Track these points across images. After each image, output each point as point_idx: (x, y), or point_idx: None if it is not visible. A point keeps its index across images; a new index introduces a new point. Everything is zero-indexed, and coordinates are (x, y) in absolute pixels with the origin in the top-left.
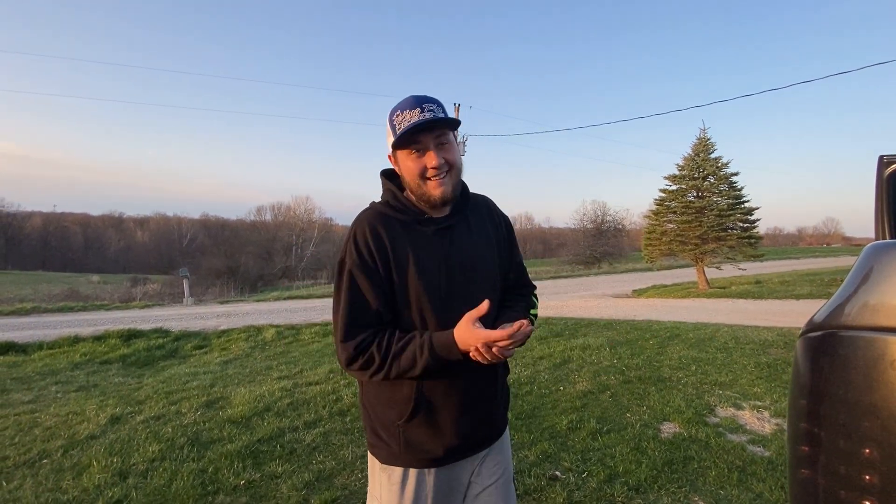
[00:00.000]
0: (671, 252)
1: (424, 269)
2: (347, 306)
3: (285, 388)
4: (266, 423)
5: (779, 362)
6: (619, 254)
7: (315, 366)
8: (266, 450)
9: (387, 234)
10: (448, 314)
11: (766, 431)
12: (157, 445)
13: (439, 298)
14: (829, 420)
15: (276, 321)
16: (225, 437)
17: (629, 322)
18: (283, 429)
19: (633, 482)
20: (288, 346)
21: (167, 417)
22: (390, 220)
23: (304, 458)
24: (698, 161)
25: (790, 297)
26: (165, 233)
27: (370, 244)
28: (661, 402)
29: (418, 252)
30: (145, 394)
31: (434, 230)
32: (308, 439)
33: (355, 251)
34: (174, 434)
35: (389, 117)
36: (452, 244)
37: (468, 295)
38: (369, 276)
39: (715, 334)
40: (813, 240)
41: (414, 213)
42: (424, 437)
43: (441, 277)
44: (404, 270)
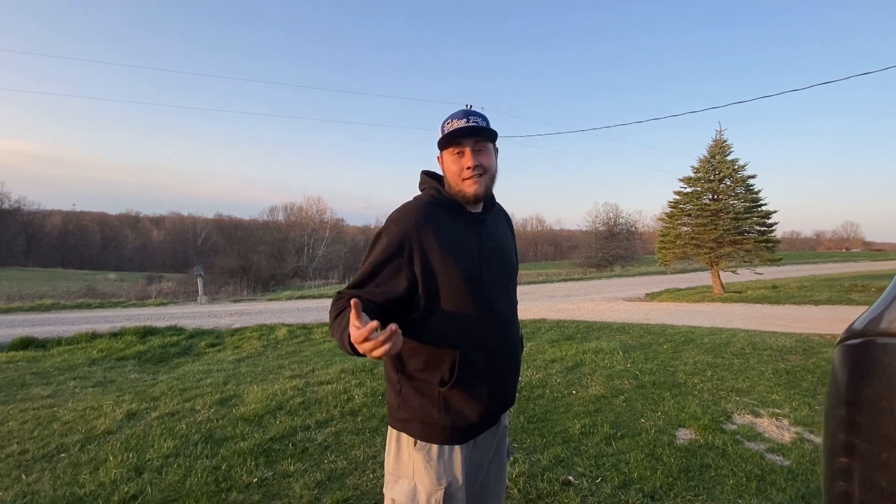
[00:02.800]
0: (685, 255)
1: (465, 253)
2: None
3: (297, 387)
4: (278, 421)
5: (798, 369)
6: (631, 257)
7: (327, 365)
8: (278, 448)
9: (433, 224)
10: (483, 295)
11: (785, 440)
12: (171, 442)
13: (478, 279)
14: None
15: (288, 320)
16: (238, 434)
17: (642, 326)
18: (294, 428)
19: (648, 489)
20: (300, 346)
21: (182, 414)
22: (436, 209)
23: (315, 457)
24: (714, 163)
25: (808, 302)
26: (180, 232)
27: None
28: (676, 407)
29: (458, 237)
30: (160, 390)
31: (470, 220)
32: (320, 438)
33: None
34: (188, 431)
35: (442, 125)
36: (486, 235)
37: (500, 280)
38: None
39: (731, 339)
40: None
41: (454, 205)
42: (464, 404)
43: (477, 261)
44: (447, 253)
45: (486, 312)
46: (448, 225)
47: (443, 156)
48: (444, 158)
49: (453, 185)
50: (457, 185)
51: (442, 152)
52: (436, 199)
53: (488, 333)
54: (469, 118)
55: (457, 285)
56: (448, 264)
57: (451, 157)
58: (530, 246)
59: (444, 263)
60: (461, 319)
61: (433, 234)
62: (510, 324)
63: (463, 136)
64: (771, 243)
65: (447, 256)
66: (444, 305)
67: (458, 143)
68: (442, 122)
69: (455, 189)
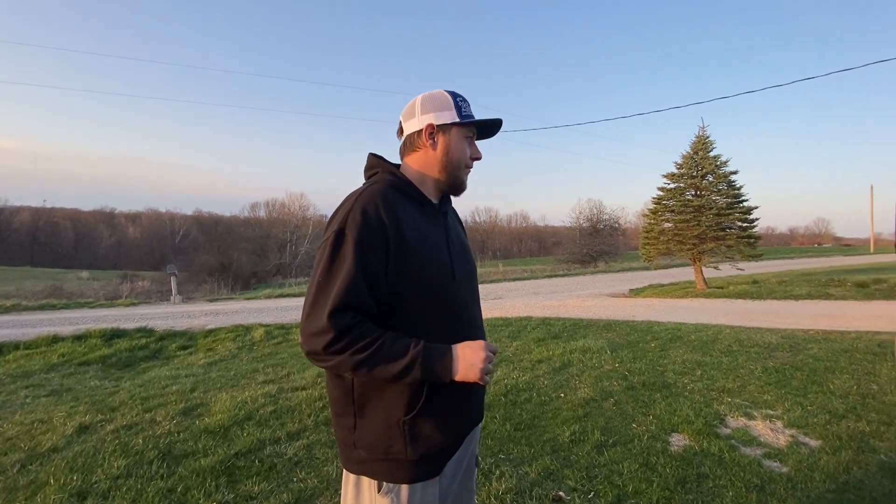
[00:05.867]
0: (669, 251)
1: (435, 250)
2: (350, 277)
3: (269, 393)
4: (246, 433)
5: (786, 367)
6: (615, 252)
7: (303, 368)
8: (243, 465)
9: (399, 211)
10: (455, 299)
11: (781, 444)
12: (123, 460)
13: (450, 280)
14: None
15: (265, 320)
16: (200, 450)
17: (628, 323)
18: (263, 440)
19: None
20: (277, 347)
21: (140, 427)
22: (400, 197)
23: (284, 474)
24: (697, 159)
25: (789, 297)
26: (157, 229)
27: (383, 220)
28: (667, 410)
29: (425, 230)
30: (120, 399)
31: (433, 213)
32: (290, 453)
33: (363, 224)
34: (144, 446)
35: (452, 98)
36: (449, 230)
37: (469, 281)
38: (375, 256)
39: (717, 336)
40: (805, 240)
41: (418, 194)
42: (433, 430)
43: (448, 260)
44: (418, 249)
45: (457, 318)
46: (415, 216)
47: (451, 133)
48: (454, 134)
49: (455, 164)
50: (458, 167)
51: (452, 127)
52: (397, 186)
53: (461, 339)
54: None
55: (429, 287)
56: (421, 262)
57: (464, 137)
58: (515, 242)
59: (417, 261)
60: (432, 327)
61: (404, 225)
62: (479, 329)
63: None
64: (752, 239)
65: (420, 251)
66: (412, 311)
67: (473, 133)
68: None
69: (450, 173)
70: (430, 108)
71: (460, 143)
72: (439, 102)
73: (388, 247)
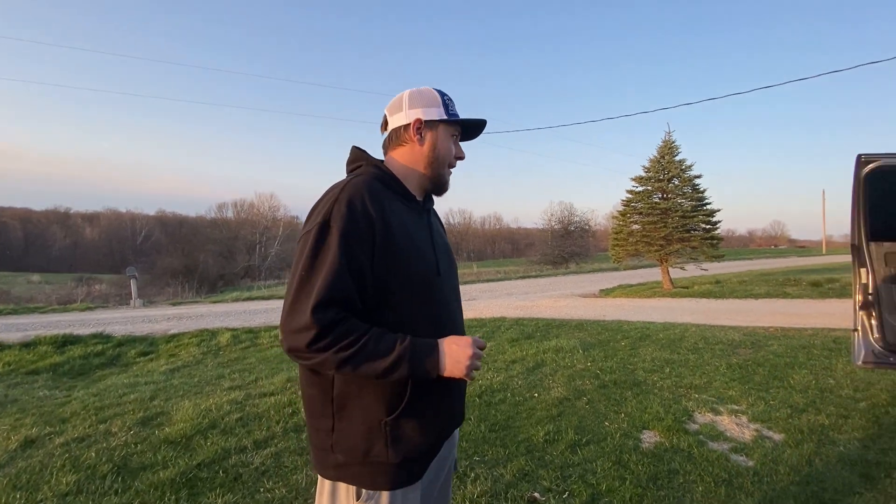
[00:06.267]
0: (637, 252)
1: (421, 247)
2: (335, 270)
3: (236, 399)
4: (209, 442)
5: (749, 363)
6: (585, 254)
7: (272, 373)
8: (206, 476)
9: (385, 205)
10: (440, 297)
11: (746, 438)
12: (73, 475)
13: (435, 277)
14: None
15: (232, 324)
16: (159, 461)
17: (599, 322)
18: (228, 450)
19: (618, 502)
20: (244, 352)
21: (93, 439)
22: (384, 191)
23: (250, 485)
24: (664, 163)
25: (749, 296)
26: (117, 229)
27: (369, 213)
28: (638, 408)
29: (410, 225)
30: (72, 410)
31: (417, 209)
32: (257, 461)
33: (349, 216)
34: (97, 460)
35: (440, 95)
36: (432, 226)
37: (452, 279)
38: (361, 249)
39: (684, 334)
40: (762, 241)
41: (403, 189)
42: (416, 431)
43: (433, 257)
44: (405, 244)
45: (441, 315)
46: (400, 211)
47: (438, 130)
48: (441, 132)
49: (439, 162)
50: (442, 165)
51: (440, 124)
52: (382, 179)
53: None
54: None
55: (414, 283)
56: (407, 257)
57: (450, 136)
58: (489, 244)
59: (403, 256)
60: (416, 323)
61: (390, 219)
62: (460, 326)
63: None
64: (715, 240)
65: (405, 246)
66: (396, 306)
67: (457, 130)
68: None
69: (435, 171)
70: (418, 103)
71: (447, 140)
72: (427, 99)
73: (375, 240)
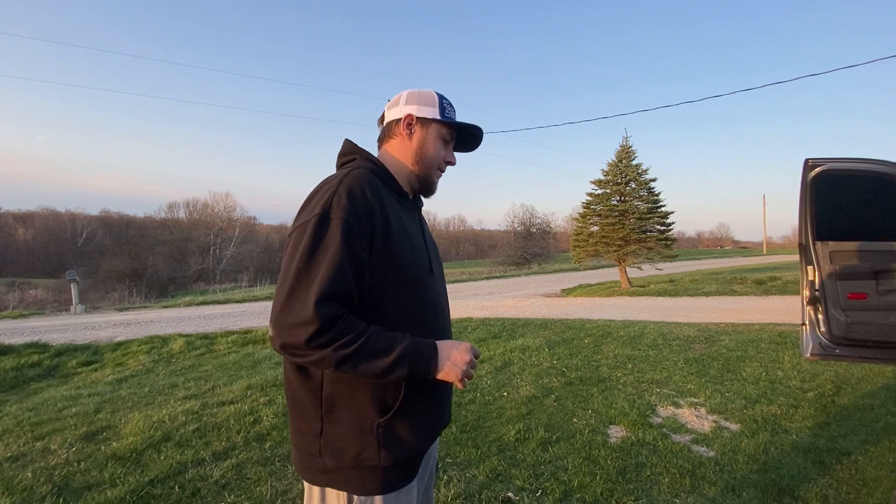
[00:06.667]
0: (597, 253)
1: (415, 242)
2: (338, 263)
3: (192, 409)
4: (163, 457)
5: (704, 357)
6: (547, 254)
7: (230, 381)
8: (160, 493)
9: (383, 198)
10: (431, 294)
11: (706, 429)
12: (7, 499)
13: (429, 274)
14: None
15: (186, 329)
16: (106, 479)
17: (563, 321)
18: (184, 463)
19: (590, 498)
20: (199, 359)
21: (29, 458)
22: (381, 185)
23: (209, 500)
24: (621, 167)
25: (700, 294)
26: (55, 230)
27: (370, 206)
28: (604, 404)
29: (406, 223)
30: (4, 427)
31: (409, 205)
32: (217, 475)
33: (350, 208)
34: (34, 481)
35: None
36: (423, 225)
37: (442, 276)
38: (361, 243)
39: (643, 331)
40: (709, 243)
41: (396, 184)
42: (408, 431)
43: (425, 253)
44: (401, 239)
45: (432, 314)
46: (396, 206)
47: (430, 128)
48: (431, 132)
49: (427, 163)
50: (430, 167)
51: (431, 123)
52: (377, 173)
53: (435, 334)
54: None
55: (408, 280)
56: (403, 253)
57: (441, 138)
58: (453, 245)
59: (399, 252)
60: (408, 321)
61: (389, 213)
62: (448, 325)
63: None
64: (669, 241)
65: (401, 242)
66: (390, 303)
67: (450, 135)
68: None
69: (422, 171)
70: (414, 100)
71: (436, 140)
72: (425, 98)
73: (374, 235)
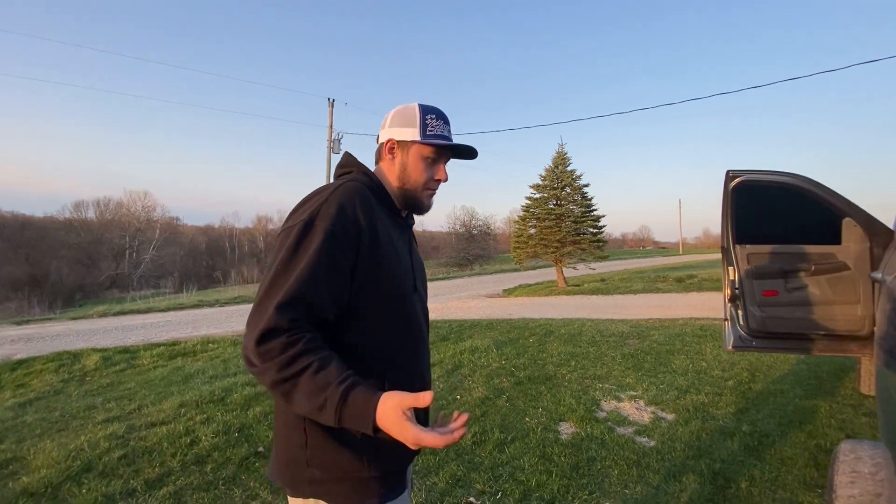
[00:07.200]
0: (536, 254)
1: (400, 257)
2: (311, 270)
3: (116, 433)
4: (85, 489)
5: (638, 352)
6: (488, 256)
7: (159, 399)
8: None
9: (373, 214)
10: (412, 311)
11: (645, 421)
12: None
13: (412, 291)
14: None
15: (101, 343)
16: None
17: (507, 321)
18: (111, 495)
19: (548, 496)
20: (119, 376)
21: None
22: (374, 202)
23: None
24: (557, 173)
25: (629, 292)
26: None
27: (358, 220)
28: (553, 401)
29: (396, 241)
30: None
31: (401, 223)
32: None
33: (337, 218)
34: None
35: (422, 113)
36: (412, 244)
37: (424, 295)
38: (344, 256)
39: (582, 329)
40: (633, 243)
41: (390, 201)
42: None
43: (410, 271)
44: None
45: (412, 330)
46: (387, 223)
47: (410, 149)
48: (413, 153)
49: (412, 185)
50: (416, 189)
51: (412, 145)
52: (372, 188)
53: (413, 353)
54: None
55: (391, 297)
56: (389, 270)
57: (424, 157)
58: None
59: (385, 268)
60: (387, 337)
61: (378, 229)
62: (426, 342)
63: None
64: (601, 243)
65: (388, 259)
66: (370, 319)
67: (441, 152)
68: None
69: (410, 192)
70: (397, 122)
71: (417, 162)
72: (406, 118)
73: (360, 248)
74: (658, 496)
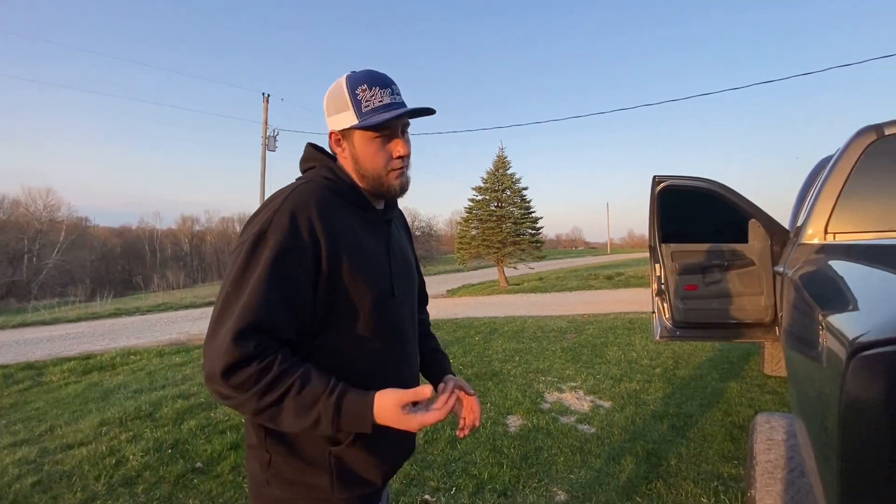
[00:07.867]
0: (479, 255)
1: (375, 263)
2: (262, 290)
3: (26, 458)
4: None
5: (576, 346)
6: (431, 257)
7: (75, 418)
8: None
9: (335, 219)
10: (392, 319)
11: (585, 409)
12: None
13: (389, 298)
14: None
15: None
16: None
17: (452, 320)
18: None
19: (500, 487)
20: (24, 395)
21: None
22: (338, 200)
23: None
24: (498, 175)
25: (565, 289)
26: None
27: (315, 228)
28: (501, 396)
29: (365, 241)
30: None
31: (375, 219)
32: None
33: (290, 229)
34: None
35: (350, 89)
36: (391, 239)
37: (408, 299)
38: (301, 268)
39: (524, 326)
40: (566, 244)
41: (358, 197)
42: (365, 464)
43: (388, 275)
44: (356, 261)
45: (392, 341)
46: (353, 223)
47: (354, 136)
48: (358, 139)
49: (371, 175)
50: (377, 177)
51: (353, 131)
52: (334, 187)
53: (394, 367)
54: (392, 89)
55: (364, 306)
56: (358, 276)
57: (372, 140)
58: None
59: (353, 275)
60: (365, 347)
61: (340, 234)
62: (415, 353)
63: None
64: (539, 243)
65: (357, 266)
66: (344, 330)
67: (388, 127)
68: (349, 86)
69: (373, 180)
70: (331, 108)
71: (366, 148)
72: (338, 101)
73: (320, 259)
74: (601, 478)
